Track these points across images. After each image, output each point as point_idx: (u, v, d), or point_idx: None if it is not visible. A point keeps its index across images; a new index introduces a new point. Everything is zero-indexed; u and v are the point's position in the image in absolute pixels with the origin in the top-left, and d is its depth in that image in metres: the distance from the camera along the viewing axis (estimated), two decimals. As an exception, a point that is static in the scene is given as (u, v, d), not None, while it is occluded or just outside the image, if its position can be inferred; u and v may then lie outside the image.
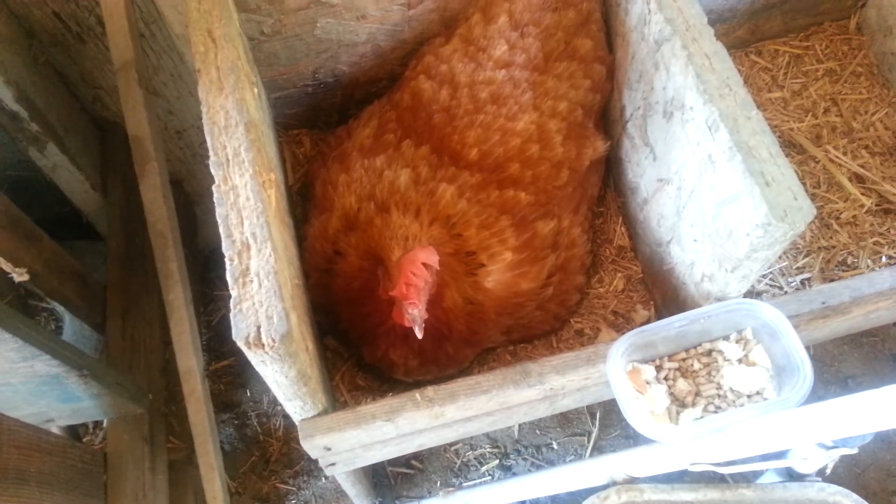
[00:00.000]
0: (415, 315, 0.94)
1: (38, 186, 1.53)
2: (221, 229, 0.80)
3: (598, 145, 1.25)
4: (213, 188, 0.83)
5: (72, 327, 1.58)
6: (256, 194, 0.83)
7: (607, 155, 1.33)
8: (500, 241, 1.09)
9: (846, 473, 1.61)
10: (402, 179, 1.10)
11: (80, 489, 1.13)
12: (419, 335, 0.95)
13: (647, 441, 1.00)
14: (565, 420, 1.71)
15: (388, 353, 1.12)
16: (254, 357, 0.76)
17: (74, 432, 1.39)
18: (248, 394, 1.81)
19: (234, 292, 0.76)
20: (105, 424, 1.33)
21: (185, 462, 1.47)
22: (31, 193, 1.55)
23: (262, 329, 0.74)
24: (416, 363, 1.12)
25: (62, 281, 1.28)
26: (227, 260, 0.79)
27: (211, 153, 0.85)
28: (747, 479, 1.12)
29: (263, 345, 0.73)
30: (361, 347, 1.17)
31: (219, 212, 0.81)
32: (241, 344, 0.74)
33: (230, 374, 1.84)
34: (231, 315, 0.75)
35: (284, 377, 0.82)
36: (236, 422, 1.80)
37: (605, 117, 1.33)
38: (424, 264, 0.95)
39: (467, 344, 1.14)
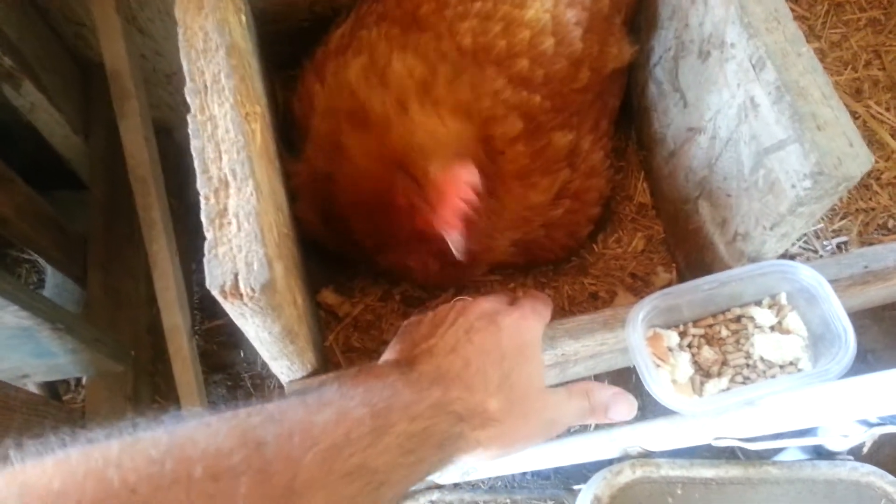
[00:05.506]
0: (458, 241, 0.82)
1: (17, 130, 1.43)
2: (196, 164, 0.70)
3: (625, 49, 1.07)
4: (189, 118, 0.73)
5: (54, 280, 1.50)
6: (238, 126, 0.73)
7: (629, 104, 1.22)
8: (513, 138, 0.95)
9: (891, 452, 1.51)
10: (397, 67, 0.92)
11: (54, 450, 1.06)
12: (461, 258, 0.83)
13: (663, 412, 0.91)
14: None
15: (406, 260, 1.00)
16: (232, 309, 0.67)
17: (54, 390, 1.32)
18: (242, 354, 1.74)
19: (209, 235, 0.67)
20: (85, 382, 1.26)
21: (172, 423, 1.41)
22: (8, 138, 1.46)
23: (239, 276, 0.64)
24: (437, 267, 0.99)
25: (36, 228, 1.18)
26: (202, 199, 0.69)
27: (187, 79, 0.75)
28: (761, 455, 1.03)
29: (242, 294, 0.64)
30: (375, 256, 1.04)
31: (194, 145, 0.71)
32: (216, 293, 0.64)
33: (223, 333, 1.76)
34: (205, 261, 0.65)
35: (268, 333, 0.73)
36: (229, 383, 1.73)
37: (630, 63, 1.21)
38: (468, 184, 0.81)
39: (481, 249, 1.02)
